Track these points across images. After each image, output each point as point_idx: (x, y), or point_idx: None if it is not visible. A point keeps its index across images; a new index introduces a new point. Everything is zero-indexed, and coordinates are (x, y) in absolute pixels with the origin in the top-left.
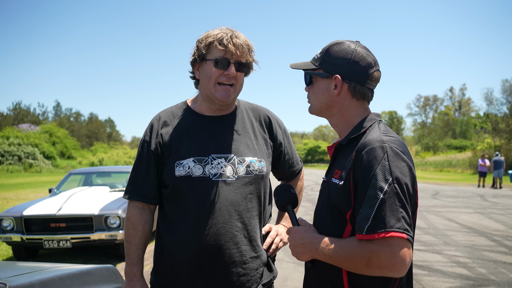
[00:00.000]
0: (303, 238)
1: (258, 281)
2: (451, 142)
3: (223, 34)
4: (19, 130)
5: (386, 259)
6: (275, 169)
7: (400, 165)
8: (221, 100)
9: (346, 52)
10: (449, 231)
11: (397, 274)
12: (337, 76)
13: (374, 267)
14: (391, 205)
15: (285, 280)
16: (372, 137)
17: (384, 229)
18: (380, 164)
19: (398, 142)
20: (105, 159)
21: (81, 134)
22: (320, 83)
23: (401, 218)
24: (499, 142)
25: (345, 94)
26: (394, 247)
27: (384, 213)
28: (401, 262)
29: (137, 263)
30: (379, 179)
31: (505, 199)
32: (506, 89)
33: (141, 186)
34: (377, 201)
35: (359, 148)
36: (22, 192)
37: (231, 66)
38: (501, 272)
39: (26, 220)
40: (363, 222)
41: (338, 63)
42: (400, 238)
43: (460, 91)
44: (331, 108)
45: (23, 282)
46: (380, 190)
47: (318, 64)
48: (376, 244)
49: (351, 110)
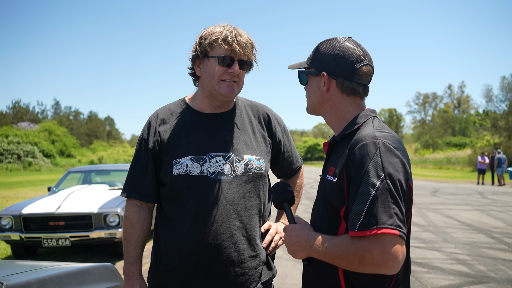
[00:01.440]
0: (298, 236)
1: (257, 280)
2: (450, 140)
3: (227, 32)
4: (18, 129)
5: (378, 256)
6: (275, 167)
7: (393, 161)
8: (225, 95)
9: (333, 48)
10: (448, 228)
11: (390, 271)
12: (323, 73)
13: (367, 264)
14: (383, 202)
15: (285, 278)
16: (365, 133)
17: (376, 226)
18: (372, 160)
19: (391, 138)
20: (104, 157)
21: (80, 133)
22: (312, 81)
23: (394, 215)
24: (499, 140)
25: (334, 90)
26: (386, 244)
27: (376, 210)
28: (393, 259)
29: (136, 261)
30: (371, 175)
31: (504, 196)
32: (505, 86)
33: (139, 184)
34: (369, 197)
35: (352, 144)
36: (21, 191)
37: (235, 64)
38: (501, 269)
39: (25, 219)
40: (355, 219)
41: (325, 60)
42: (392, 235)
43: (459, 89)
44: (324, 105)
45: (20, 281)
46: (372, 186)
47: (309, 62)
48: (368, 241)
49: (343, 106)
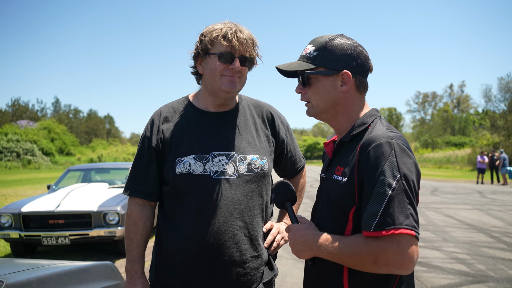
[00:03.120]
0: (304, 236)
1: (259, 280)
2: (450, 139)
3: (228, 29)
4: (17, 127)
5: (394, 256)
6: (277, 166)
7: (407, 162)
8: (227, 91)
9: (347, 47)
10: (448, 227)
11: (405, 271)
12: (346, 72)
13: (382, 264)
14: (400, 202)
15: (285, 277)
16: (378, 133)
17: (394, 226)
18: (388, 161)
19: (402, 139)
20: (104, 156)
21: (80, 131)
22: (323, 81)
23: (410, 215)
24: (498, 139)
25: (352, 89)
26: (402, 244)
27: (393, 210)
28: (409, 259)
29: (138, 260)
30: (387, 175)
31: (503, 196)
32: (503, 86)
33: (141, 182)
34: (385, 197)
35: (365, 144)
36: (20, 189)
37: (236, 61)
38: (500, 268)
39: (25, 217)
40: (370, 218)
41: (342, 59)
42: (408, 235)
43: (459, 88)
44: (336, 106)
45: (21, 279)
46: (389, 186)
47: (318, 62)
48: (384, 241)
49: (355, 105)
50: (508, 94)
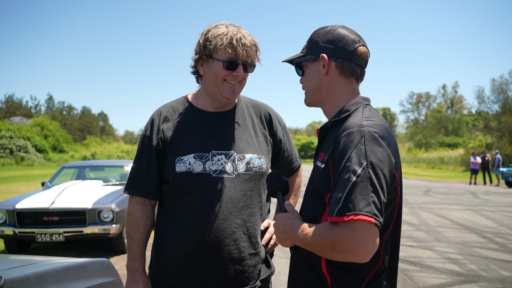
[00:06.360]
0: (285, 225)
1: (256, 278)
2: (443, 139)
3: (232, 35)
4: (11, 123)
5: (348, 243)
6: (274, 166)
7: (376, 150)
8: (227, 97)
9: (329, 33)
10: (440, 227)
11: (360, 259)
12: (323, 55)
13: (338, 251)
14: (363, 189)
15: (278, 275)
16: (353, 121)
17: (354, 212)
18: (356, 148)
19: (379, 127)
20: (97, 153)
21: (73, 128)
22: (309, 68)
23: (372, 203)
24: (491, 140)
25: (333, 72)
26: (357, 230)
27: (355, 196)
28: (363, 246)
29: (139, 258)
30: (353, 162)
31: (495, 196)
32: (496, 88)
33: (141, 181)
34: (349, 183)
35: (339, 132)
36: (13, 186)
37: (240, 68)
38: (492, 268)
39: (19, 214)
40: (334, 204)
41: (322, 44)
42: (366, 222)
43: (453, 89)
44: (320, 90)
45: (19, 275)
46: (354, 173)
47: (306, 50)
48: (341, 228)
49: (339, 90)
50: (501, 95)
